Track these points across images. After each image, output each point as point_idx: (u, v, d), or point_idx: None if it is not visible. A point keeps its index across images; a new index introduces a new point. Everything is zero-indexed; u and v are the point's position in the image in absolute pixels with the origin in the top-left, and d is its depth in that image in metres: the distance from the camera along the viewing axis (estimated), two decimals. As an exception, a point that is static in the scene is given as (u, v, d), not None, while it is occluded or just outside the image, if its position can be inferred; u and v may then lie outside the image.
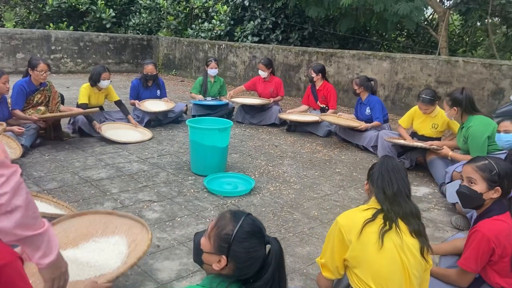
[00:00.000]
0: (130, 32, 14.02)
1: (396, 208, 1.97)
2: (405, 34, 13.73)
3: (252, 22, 11.95)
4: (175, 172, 4.40)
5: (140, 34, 13.83)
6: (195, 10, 13.22)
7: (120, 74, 12.44)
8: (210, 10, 12.90)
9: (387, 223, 1.93)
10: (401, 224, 1.95)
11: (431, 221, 3.59)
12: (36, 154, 4.69)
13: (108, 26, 13.61)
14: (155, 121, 6.20)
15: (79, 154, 4.79)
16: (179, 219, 3.36)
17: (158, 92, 6.53)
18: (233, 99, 6.72)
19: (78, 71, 12.01)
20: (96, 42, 12.28)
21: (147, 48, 13.31)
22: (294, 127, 6.36)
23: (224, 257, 1.50)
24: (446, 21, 9.56)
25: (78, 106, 5.58)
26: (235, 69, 11.00)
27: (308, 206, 3.78)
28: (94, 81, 5.57)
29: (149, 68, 6.26)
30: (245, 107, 6.79)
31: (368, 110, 5.63)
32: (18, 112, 4.85)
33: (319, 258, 2.10)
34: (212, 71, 6.84)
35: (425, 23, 11.92)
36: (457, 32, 13.35)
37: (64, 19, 13.66)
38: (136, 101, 6.20)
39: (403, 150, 4.99)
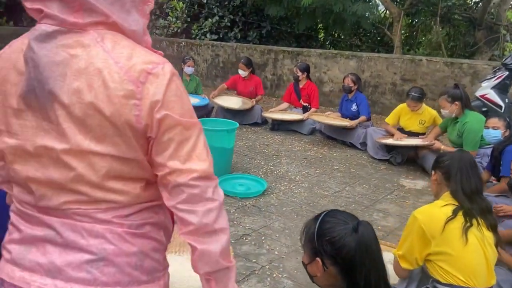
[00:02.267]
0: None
1: (475, 205, 2.10)
2: (354, 33, 14.27)
3: (210, 19, 11.83)
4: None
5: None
6: (149, 7, 12.84)
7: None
8: (165, 6, 12.60)
9: (468, 220, 2.07)
10: (480, 219, 2.10)
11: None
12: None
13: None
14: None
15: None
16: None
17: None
18: (216, 101, 6.66)
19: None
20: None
21: (98, 45, 12.73)
22: (278, 126, 6.43)
23: (317, 259, 1.42)
24: (401, 21, 10.08)
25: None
26: (197, 68, 10.83)
27: (324, 204, 3.86)
28: None
29: None
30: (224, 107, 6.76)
31: (354, 107, 5.82)
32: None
33: (396, 250, 2.20)
34: (189, 69, 6.73)
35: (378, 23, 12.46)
36: (403, 32, 14.09)
37: (1, 13, 12.70)
38: None
39: (393, 145, 5.23)
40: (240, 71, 6.72)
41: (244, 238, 3.14)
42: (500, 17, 10.20)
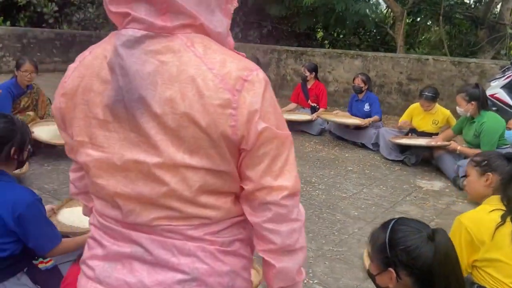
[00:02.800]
0: (74, 28, 13.18)
1: None
2: (353, 32, 14.23)
3: (210, 19, 11.73)
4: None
5: (87, 30, 13.04)
6: (148, 6, 12.72)
7: (68, 73, 11.61)
8: (164, 6, 12.48)
9: None
10: None
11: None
12: (35, 165, 4.24)
13: (50, 21, 12.66)
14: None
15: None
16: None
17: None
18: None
19: (22, 70, 11.06)
20: (41, 39, 11.39)
21: (96, 45, 12.57)
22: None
23: (391, 269, 1.39)
24: (404, 21, 10.05)
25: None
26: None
27: (344, 206, 3.79)
28: None
29: None
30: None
31: (367, 107, 5.74)
32: (8, 118, 4.35)
33: None
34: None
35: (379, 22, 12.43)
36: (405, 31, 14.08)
37: (-1, 13, 12.52)
38: None
39: (406, 146, 5.16)
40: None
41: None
42: (502, 16, 10.19)
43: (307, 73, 6.27)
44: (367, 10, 9.97)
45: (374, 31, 13.01)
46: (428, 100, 4.94)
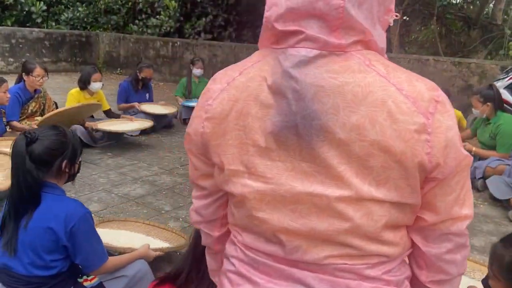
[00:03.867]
0: (63, 28, 12.88)
1: None
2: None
3: (203, 18, 11.60)
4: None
5: (76, 29, 12.76)
6: (139, 5, 12.51)
7: (57, 73, 11.34)
8: (156, 5, 12.28)
9: None
10: None
11: (487, 216, 3.76)
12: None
13: (38, 20, 12.35)
14: (150, 128, 5.74)
15: (95, 169, 4.27)
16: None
17: (147, 95, 6.08)
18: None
19: (10, 71, 10.71)
20: (30, 39, 11.10)
21: (86, 45, 12.31)
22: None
23: None
24: (400, 21, 10.11)
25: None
26: (193, 68, 10.62)
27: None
28: (84, 83, 5.00)
29: (149, 72, 5.83)
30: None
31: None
32: (16, 124, 4.19)
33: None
34: (198, 71, 6.55)
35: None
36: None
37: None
38: (136, 103, 5.73)
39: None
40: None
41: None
42: (495, 16, 10.35)
43: None
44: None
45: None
46: None
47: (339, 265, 0.82)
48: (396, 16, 0.91)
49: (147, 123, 5.27)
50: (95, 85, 5.02)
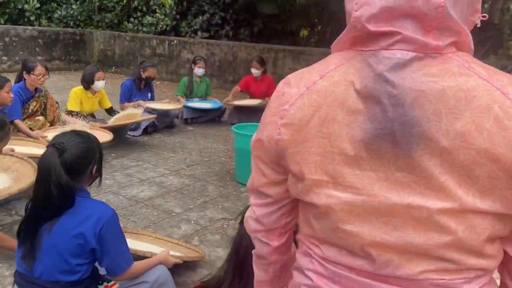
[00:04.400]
0: (56, 26, 12.68)
1: None
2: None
3: (201, 17, 11.49)
4: (221, 184, 4.03)
5: (70, 28, 12.57)
6: (134, 2, 12.37)
7: (51, 72, 11.05)
8: (152, 3, 12.15)
9: None
10: None
11: None
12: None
13: (32, 18, 12.15)
14: (152, 127, 5.65)
15: (100, 170, 4.17)
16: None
17: (149, 95, 5.97)
18: (229, 103, 6.40)
19: (4, 70, 10.52)
20: (24, 37, 10.90)
21: (80, 44, 12.12)
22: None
23: None
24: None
25: (68, 113, 4.89)
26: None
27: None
28: (87, 83, 4.92)
29: (154, 71, 5.76)
30: (238, 108, 6.49)
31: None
32: (20, 123, 4.07)
33: None
34: (200, 70, 6.45)
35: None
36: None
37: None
38: (141, 101, 5.63)
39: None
40: (253, 70, 6.47)
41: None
42: (492, 15, 10.36)
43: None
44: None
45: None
46: None
47: (436, 280, 0.77)
48: (484, 17, 0.85)
49: (151, 116, 5.21)
50: (98, 84, 4.94)
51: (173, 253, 2.35)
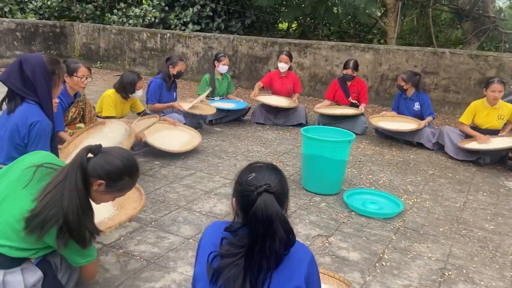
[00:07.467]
0: (31, 17, 11.76)
1: None
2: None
3: (191, 9, 10.96)
4: (291, 193, 3.71)
5: (46, 19, 11.68)
6: (118, -7, 11.65)
7: (30, 68, 10.30)
8: (138, -7, 11.49)
9: None
10: None
11: None
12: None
13: (6, 10, 11.20)
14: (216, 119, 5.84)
15: (154, 182, 3.73)
16: (386, 258, 2.81)
17: (174, 94, 5.51)
18: (259, 99, 6.02)
19: (-20, 66, 9.67)
20: (0, 30, 10.00)
21: (61, 37, 11.30)
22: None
23: None
24: (397, 12, 9.99)
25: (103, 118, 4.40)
26: (186, 61, 9.99)
27: (471, 218, 3.49)
28: (127, 92, 4.41)
29: (183, 65, 5.29)
30: (264, 106, 6.14)
31: (417, 106, 5.52)
32: (65, 136, 3.57)
33: None
34: (225, 68, 6.04)
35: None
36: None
37: None
38: (177, 103, 5.19)
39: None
40: (281, 64, 6.12)
41: (444, 273, 2.70)
42: (487, 8, 10.48)
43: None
44: (363, 2, 9.76)
45: (357, 23, 12.94)
46: (500, 83, 4.82)
47: None
48: None
49: (196, 138, 4.78)
50: (138, 93, 4.49)
51: None
